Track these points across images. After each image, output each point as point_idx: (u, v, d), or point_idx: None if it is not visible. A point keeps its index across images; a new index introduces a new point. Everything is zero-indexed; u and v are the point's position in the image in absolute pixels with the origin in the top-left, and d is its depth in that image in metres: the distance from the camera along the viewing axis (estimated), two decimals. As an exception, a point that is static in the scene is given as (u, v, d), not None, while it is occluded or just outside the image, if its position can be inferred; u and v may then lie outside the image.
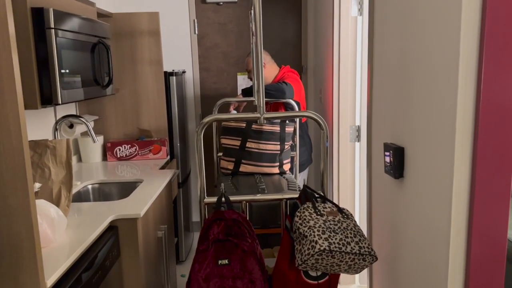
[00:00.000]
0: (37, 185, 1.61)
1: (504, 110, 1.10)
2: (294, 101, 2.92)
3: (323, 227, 1.54)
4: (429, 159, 1.31)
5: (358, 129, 2.86)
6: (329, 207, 1.67)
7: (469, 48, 1.10)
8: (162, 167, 2.73)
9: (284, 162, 2.72)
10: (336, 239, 1.51)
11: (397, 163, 1.52)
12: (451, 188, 1.17)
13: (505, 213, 1.14)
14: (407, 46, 1.45)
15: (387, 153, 1.59)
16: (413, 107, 1.42)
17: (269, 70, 3.11)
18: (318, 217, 1.59)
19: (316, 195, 1.78)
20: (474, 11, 1.09)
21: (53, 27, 1.76)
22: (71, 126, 2.55)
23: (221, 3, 3.77)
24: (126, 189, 2.42)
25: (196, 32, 3.79)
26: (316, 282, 1.64)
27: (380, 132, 1.78)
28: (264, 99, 2.72)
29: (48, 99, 1.80)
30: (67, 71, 1.88)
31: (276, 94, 2.87)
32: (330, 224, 1.57)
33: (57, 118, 2.49)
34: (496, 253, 1.16)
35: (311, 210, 1.62)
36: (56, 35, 1.79)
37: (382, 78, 1.73)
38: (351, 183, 2.91)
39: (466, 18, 1.09)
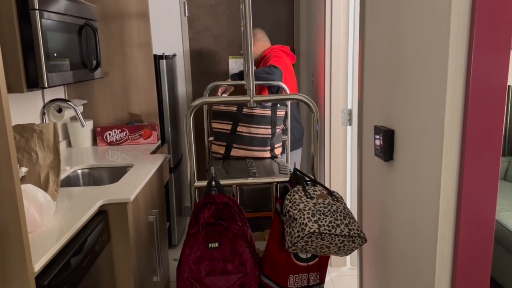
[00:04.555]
0: (24, 170, 1.59)
1: (493, 92, 1.09)
2: None
3: (313, 210, 1.54)
4: (419, 141, 1.31)
5: (350, 113, 2.85)
6: (319, 190, 1.67)
7: (459, 32, 1.09)
8: (153, 152, 2.71)
9: (276, 146, 2.71)
10: (325, 221, 1.51)
11: (387, 145, 1.52)
12: (440, 170, 1.17)
13: (493, 193, 1.15)
14: (398, 29, 1.43)
15: (377, 136, 1.59)
16: (403, 90, 1.41)
17: (258, 46, 3.16)
18: (308, 200, 1.59)
19: (307, 179, 1.78)
20: (465, -10, 1.07)
21: (37, 8, 1.72)
22: (59, 110, 2.51)
23: (212, -15, 3.71)
24: (116, 174, 2.40)
25: (187, 14, 3.73)
26: (306, 264, 1.65)
27: (371, 115, 1.78)
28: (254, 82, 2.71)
29: (34, 83, 1.76)
30: (54, 53, 1.85)
31: (265, 77, 2.86)
32: (320, 207, 1.57)
33: (45, 102, 2.45)
34: (484, 233, 1.17)
35: (301, 193, 1.62)
36: (41, 17, 1.74)
37: (373, 61, 1.72)
38: (343, 166, 2.92)
39: (456, 2, 1.08)
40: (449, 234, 1.21)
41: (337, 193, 1.69)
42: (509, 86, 3.38)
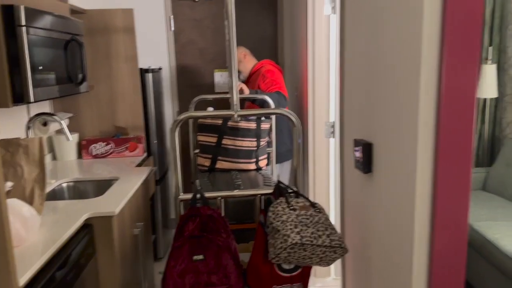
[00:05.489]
0: (9, 184, 1.60)
1: (463, 108, 1.15)
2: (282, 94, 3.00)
3: (295, 221, 1.58)
4: (395, 154, 1.36)
5: (333, 125, 2.92)
6: (301, 202, 1.71)
7: (430, 51, 1.16)
8: (139, 165, 2.73)
9: (260, 158, 2.75)
10: (307, 232, 1.55)
11: (366, 158, 1.57)
12: (415, 182, 1.23)
13: (465, 201, 1.20)
14: (374, 46, 1.50)
15: (357, 149, 1.64)
16: (380, 104, 1.47)
17: (248, 60, 3.29)
18: (291, 211, 1.63)
19: (290, 191, 1.82)
20: (435, 14, 1.14)
21: (24, 24, 1.74)
22: (45, 124, 2.52)
23: (197, 0, 3.77)
24: (101, 187, 2.41)
25: (172, 28, 3.78)
26: (289, 274, 1.69)
27: (351, 128, 1.83)
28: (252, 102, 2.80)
29: (19, 97, 1.78)
30: (40, 68, 1.87)
31: (276, 106, 2.92)
32: (302, 218, 1.61)
33: (30, 116, 2.46)
34: (458, 240, 1.22)
35: (284, 205, 1.66)
36: (28, 33, 1.77)
37: (352, 76, 1.78)
38: (326, 178, 2.97)
39: (427, 22, 1.14)
40: (424, 243, 1.26)
41: (319, 205, 1.73)
42: (485, 99, 3.50)
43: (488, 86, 3.32)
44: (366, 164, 1.57)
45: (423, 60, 1.17)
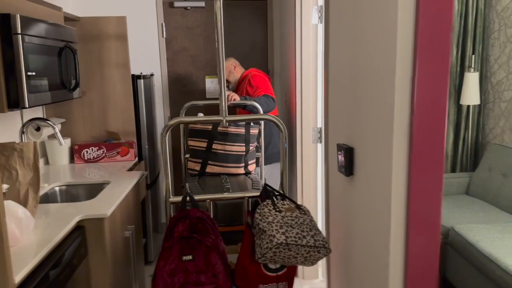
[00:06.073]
0: (5, 187, 1.65)
1: (435, 116, 1.24)
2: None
3: (281, 222, 1.65)
4: (374, 158, 1.44)
5: (320, 131, 3.00)
6: (287, 204, 1.79)
7: (404, 63, 1.24)
8: (130, 169, 2.78)
9: (249, 162, 2.82)
10: (292, 233, 1.62)
11: (347, 162, 1.65)
12: (390, 184, 1.30)
13: (437, 204, 1.28)
14: (355, 56, 1.58)
15: (340, 153, 1.72)
16: (361, 111, 1.55)
17: (238, 70, 3.39)
18: (277, 213, 1.70)
19: (276, 193, 1.89)
20: (408, 30, 1.22)
21: (20, 32, 1.80)
22: (38, 129, 2.57)
23: (189, 8, 3.85)
24: (93, 190, 2.46)
25: (164, 35, 3.85)
26: (275, 274, 1.75)
27: (335, 133, 1.91)
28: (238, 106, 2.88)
29: (15, 103, 1.84)
30: (34, 75, 1.93)
31: (265, 109, 3.00)
32: (288, 219, 1.69)
33: (24, 121, 2.51)
34: (431, 239, 1.30)
35: (270, 207, 1.73)
36: (23, 41, 1.83)
37: (336, 84, 1.86)
38: (314, 181, 3.05)
39: (401, 37, 1.23)
40: (400, 243, 1.34)
41: (304, 207, 1.80)
42: (468, 106, 3.61)
43: (471, 93, 3.43)
44: (348, 167, 1.65)
45: (397, 71, 1.25)
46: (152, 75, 3.65)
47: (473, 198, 3.32)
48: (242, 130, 2.74)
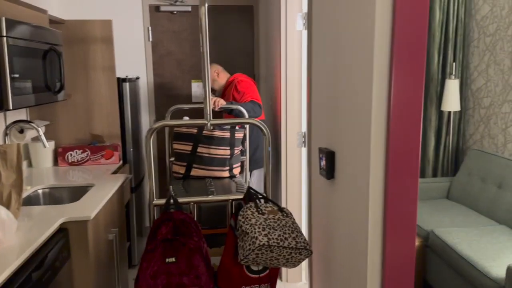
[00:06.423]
0: (-13, 189, 1.64)
1: (409, 121, 1.29)
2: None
3: (263, 225, 1.68)
4: (353, 162, 1.48)
5: (304, 135, 3.04)
6: (270, 206, 1.82)
7: (381, 71, 1.29)
8: (114, 172, 2.78)
9: (234, 166, 2.85)
10: (275, 235, 1.65)
11: (329, 165, 1.69)
12: (368, 186, 1.34)
13: (413, 204, 1.33)
14: (336, 63, 1.62)
15: (321, 156, 1.76)
16: (341, 116, 1.60)
17: (222, 77, 3.38)
18: (260, 215, 1.73)
19: (260, 196, 1.92)
20: (385, 36, 1.27)
21: (5, 35, 1.81)
22: (21, 131, 2.56)
23: (175, 12, 3.87)
24: (77, 193, 2.46)
25: (150, 39, 3.86)
26: (257, 275, 1.78)
27: (318, 138, 1.95)
28: (224, 109, 2.90)
29: (-2, 105, 1.84)
30: (18, 77, 1.93)
31: (252, 115, 3.02)
32: (270, 221, 1.71)
33: (8, 123, 2.49)
34: (407, 239, 1.34)
35: (253, 209, 1.76)
36: (8, 43, 1.83)
37: (318, 89, 1.91)
38: (298, 185, 3.09)
39: (378, 45, 1.27)
40: (377, 243, 1.38)
41: (287, 210, 1.84)
42: (449, 112, 3.70)
43: (451, 99, 3.51)
44: (329, 170, 1.69)
45: (374, 78, 1.30)
46: (137, 78, 3.65)
47: (453, 202, 3.39)
48: (227, 134, 2.77)
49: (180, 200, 1.92)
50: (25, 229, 1.70)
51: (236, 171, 2.87)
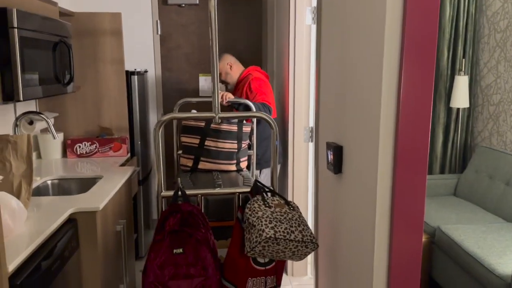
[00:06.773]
0: (-1, 178, 1.67)
1: (419, 116, 1.28)
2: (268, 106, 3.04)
3: (270, 217, 1.69)
4: (361, 156, 1.49)
5: (312, 130, 3.04)
6: (277, 200, 1.82)
7: (391, 66, 1.28)
8: (122, 165, 2.80)
9: (241, 160, 2.86)
10: (281, 228, 1.66)
11: (336, 160, 1.69)
12: (376, 181, 1.35)
13: (421, 200, 1.33)
14: (345, 57, 1.62)
15: (329, 151, 1.76)
16: (349, 110, 1.60)
17: (235, 70, 3.28)
18: (266, 208, 1.74)
19: (266, 189, 1.93)
20: (395, 31, 1.26)
21: (16, 26, 1.82)
22: (31, 122, 2.59)
23: (183, 5, 3.87)
24: (85, 185, 2.48)
25: (159, 32, 3.87)
26: (263, 268, 1.79)
27: (325, 132, 1.95)
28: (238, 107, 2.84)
29: (9, 96, 1.85)
30: (29, 69, 1.95)
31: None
32: (277, 215, 1.72)
33: (17, 115, 2.52)
34: (414, 234, 1.34)
35: (260, 202, 1.77)
36: (19, 34, 1.85)
37: (326, 84, 1.91)
38: (305, 179, 3.09)
39: (388, 40, 1.27)
40: (384, 238, 1.38)
41: (294, 203, 1.84)
42: (458, 108, 3.67)
43: (460, 96, 3.49)
44: (336, 165, 1.69)
45: (384, 73, 1.29)
46: (146, 71, 3.67)
47: (460, 199, 3.38)
48: (234, 128, 2.77)
49: (188, 192, 1.94)
50: (35, 218, 1.72)
51: (243, 164, 2.88)
